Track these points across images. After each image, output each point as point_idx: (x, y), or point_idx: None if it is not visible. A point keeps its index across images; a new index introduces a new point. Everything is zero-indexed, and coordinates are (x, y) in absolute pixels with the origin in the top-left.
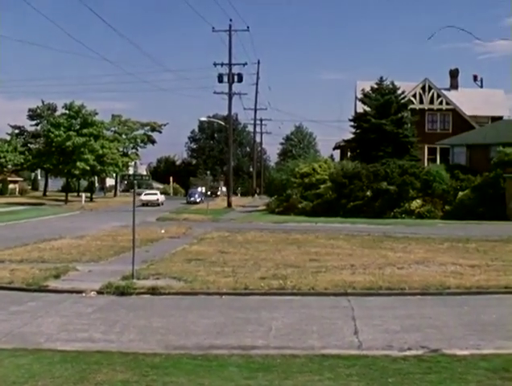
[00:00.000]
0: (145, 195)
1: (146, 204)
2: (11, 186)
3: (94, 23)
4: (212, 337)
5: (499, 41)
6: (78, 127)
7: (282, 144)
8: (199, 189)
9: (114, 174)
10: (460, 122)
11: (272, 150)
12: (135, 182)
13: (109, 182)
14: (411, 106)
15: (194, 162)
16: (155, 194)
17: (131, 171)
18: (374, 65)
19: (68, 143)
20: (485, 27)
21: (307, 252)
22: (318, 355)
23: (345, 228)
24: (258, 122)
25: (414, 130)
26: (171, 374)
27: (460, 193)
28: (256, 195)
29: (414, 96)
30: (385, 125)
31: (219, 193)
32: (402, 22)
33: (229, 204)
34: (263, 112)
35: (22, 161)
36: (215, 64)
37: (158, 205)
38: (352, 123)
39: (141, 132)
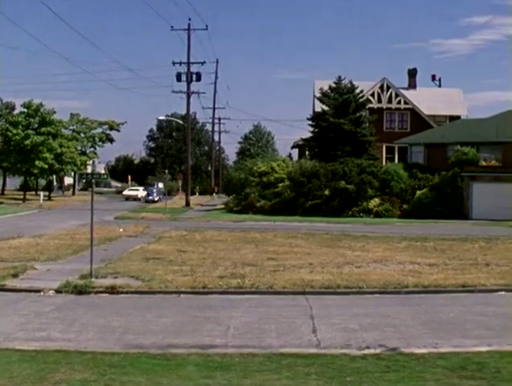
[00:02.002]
0: (128, 190)
1: (128, 198)
2: None
3: (52, 21)
4: (170, 336)
5: (456, 40)
6: (36, 126)
7: (240, 143)
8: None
9: (73, 173)
10: (419, 121)
11: (230, 149)
12: (93, 180)
13: (68, 180)
14: (370, 105)
15: (152, 160)
16: (137, 190)
17: (89, 170)
18: (333, 64)
19: (27, 142)
20: (441, 27)
21: (266, 251)
22: (276, 354)
23: (304, 227)
24: (217, 121)
25: (373, 129)
26: (130, 373)
27: (418, 192)
28: (214, 194)
29: (373, 95)
30: (343, 124)
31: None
32: (360, 22)
33: (188, 203)
34: (222, 111)
35: None
36: (173, 63)
37: (139, 200)
38: (310, 122)
39: (99, 130)
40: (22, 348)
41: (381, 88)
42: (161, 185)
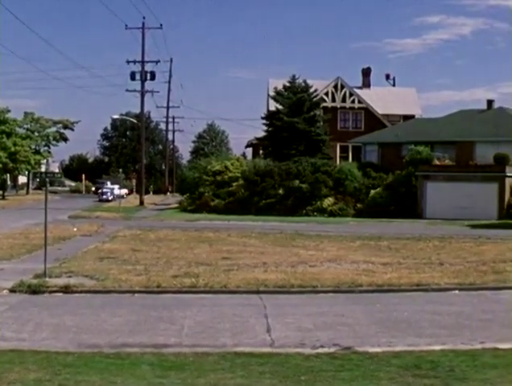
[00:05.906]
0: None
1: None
2: None
3: (6, 19)
4: (124, 335)
5: (409, 40)
6: None
7: (194, 142)
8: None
9: (27, 172)
10: (373, 121)
11: (184, 148)
12: (47, 179)
13: (22, 179)
14: (324, 104)
15: (106, 159)
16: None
17: (43, 169)
18: (287, 63)
19: None
20: (395, 26)
21: (219, 250)
22: (230, 353)
23: (257, 226)
24: (171, 120)
25: (327, 128)
26: (84, 373)
27: (372, 191)
28: (168, 193)
29: (327, 94)
30: (297, 123)
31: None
32: (313, 21)
33: (142, 202)
34: (176, 110)
35: None
36: (128, 62)
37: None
38: (264, 121)
39: (53, 129)
40: None
41: (336, 87)
42: (109, 184)
